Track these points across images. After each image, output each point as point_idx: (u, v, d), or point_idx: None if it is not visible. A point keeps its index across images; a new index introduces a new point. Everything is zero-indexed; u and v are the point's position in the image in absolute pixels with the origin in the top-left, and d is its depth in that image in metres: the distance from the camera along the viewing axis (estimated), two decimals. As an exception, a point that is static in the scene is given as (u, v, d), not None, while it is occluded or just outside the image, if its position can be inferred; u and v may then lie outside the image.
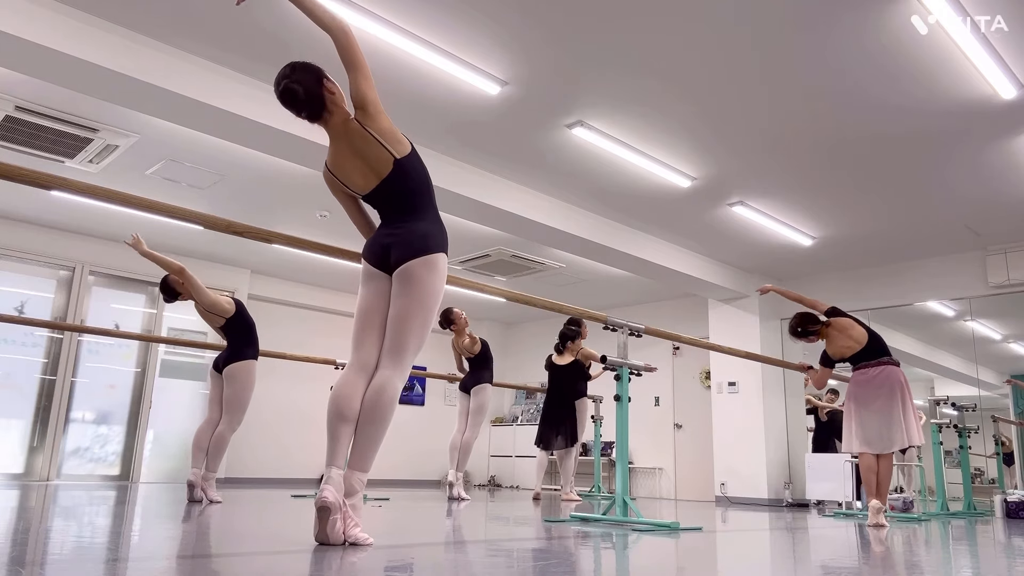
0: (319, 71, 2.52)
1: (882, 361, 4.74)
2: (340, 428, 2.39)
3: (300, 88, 2.47)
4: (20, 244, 7.41)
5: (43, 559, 1.98)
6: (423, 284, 2.48)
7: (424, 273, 2.48)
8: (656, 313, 9.71)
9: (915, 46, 4.00)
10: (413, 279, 2.48)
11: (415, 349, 2.51)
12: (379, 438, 2.41)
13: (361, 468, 2.39)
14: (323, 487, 2.29)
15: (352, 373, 2.48)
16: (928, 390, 8.30)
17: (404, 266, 2.49)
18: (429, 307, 2.50)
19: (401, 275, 2.50)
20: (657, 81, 4.50)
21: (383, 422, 2.41)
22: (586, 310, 4.28)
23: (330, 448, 2.38)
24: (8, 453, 7.20)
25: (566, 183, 6.12)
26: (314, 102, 2.50)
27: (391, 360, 2.47)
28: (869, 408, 4.69)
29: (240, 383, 4.79)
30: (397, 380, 2.46)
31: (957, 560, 2.90)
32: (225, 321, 4.84)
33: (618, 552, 2.72)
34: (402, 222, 2.55)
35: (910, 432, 4.58)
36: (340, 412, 2.40)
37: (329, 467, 2.34)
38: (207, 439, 4.74)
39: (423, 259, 2.48)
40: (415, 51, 4.16)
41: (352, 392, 2.43)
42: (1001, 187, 5.83)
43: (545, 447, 6.88)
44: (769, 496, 7.83)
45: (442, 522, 3.86)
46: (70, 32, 3.90)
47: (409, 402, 10.80)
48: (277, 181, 6.18)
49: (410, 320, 2.48)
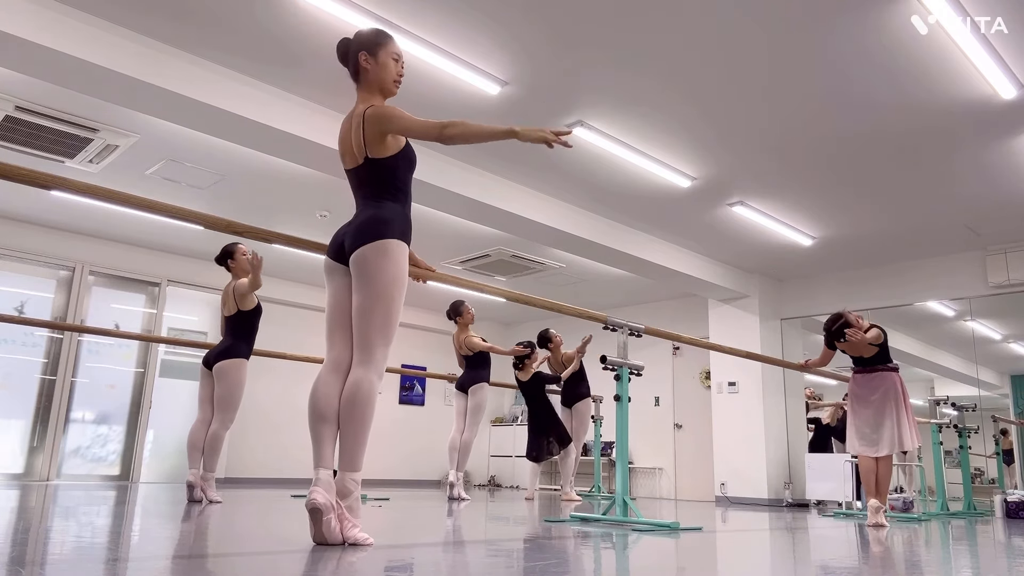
0: (364, 44, 2.65)
1: (878, 368, 4.77)
2: (320, 429, 2.39)
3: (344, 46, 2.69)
4: (20, 244, 7.40)
5: (43, 559, 1.98)
6: (376, 271, 2.43)
7: (375, 259, 2.43)
8: (656, 313, 9.71)
9: (915, 46, 4.00)
10: (365, 266, 2.44)
11: (383, 341, 2.45)
12: (363, 436, 2.38)
13: (351, 468, 2.37)
14: (311, 489, 2.28)
15: (327, 372, 2.47)
16: (928, 390, 8.31)
17: (355, 253, 2.46)
18: (388, 296, 2.44)
19: (354, 264, 2.47)
20: (657, 81, 4.50)
21: (363, 420, 2.38)
22: (586, 310, 4.28)
23: (315, 449, 2.38)
24: (8, 453, 7.20)
25: (566, 183, 6.12)
26: (347, 61, 2.69)
27: (361, 356, 2.44)
28: (865, 409, 4.74)
29: (231, 380, 4.77)
30: (372, 375, 2.42)
31: (957, 560, 2.90)
32: (239, 312, 4.85)
33: (618, 552, 2.72)
34: (361, 211, 2.57)
35: (902, 437, 4.59)
36: (318, 412, 2.40)
37: (316, 468, 2.34)
38: (201, 439, 4.72)
39: (372, 245, 2.44)
40: (415, 51, 4.16)
41: (328, 391, 2.42)
42: (1001, 187, 5.83)
43: (536, 459, 6.77)
44: (769, 496, 7.83)
45: (442, 522, 3.86)
46: (70, 32, 3.89)
47: (409, 402, 10.80)
48: (277, 181, 6.18)
49: (371, 312, 2.43)
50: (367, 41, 2.65)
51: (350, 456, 2.37)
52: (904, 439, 4.59)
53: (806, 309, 8.48)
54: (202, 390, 4.90)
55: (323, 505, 2.27)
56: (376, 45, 2.64)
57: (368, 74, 2.63)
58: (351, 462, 2.37)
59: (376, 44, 2.64)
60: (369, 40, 2.65)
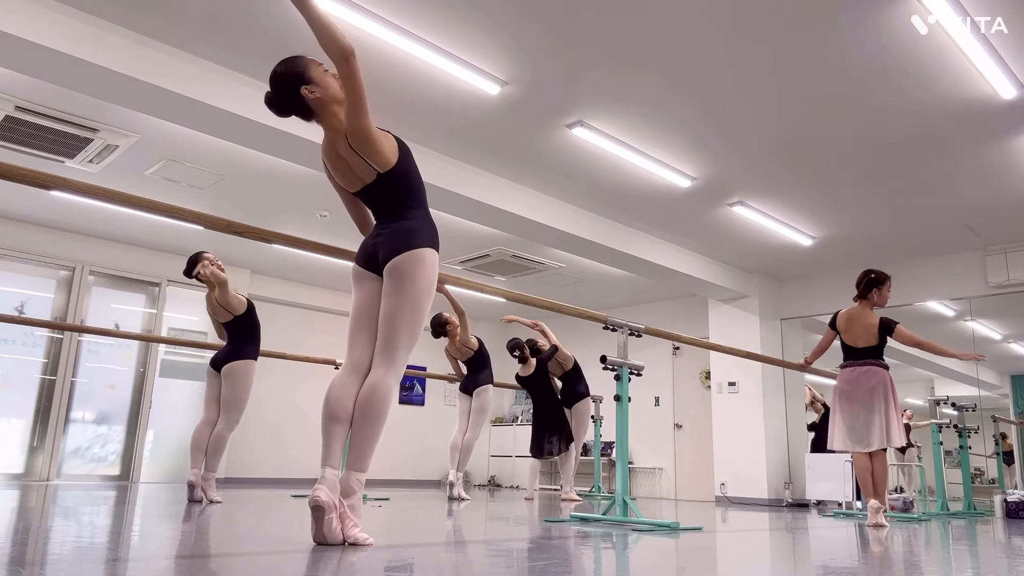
0: (298, 77, 2.46)
1: (868, 362, 4.76)
2: (333, 428, 2.40)
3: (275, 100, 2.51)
4: (20, 244, 7.40)
5: (43, 559, 1.98)
6: (410, 279, 2.48)
7: (410, 268, 2.48)
8: (656, 313, 9.71)
9: (915, 46, 4.00)
10: (400, 274, 2.48)
11: (407, 347, 2.49)
12: (374, 437, 2.40)
13: (358, 468, 2.39)
14: (316, 487, 2.29)
15: (345, 374, 2.49)
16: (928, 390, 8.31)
17: (391, 262, 2.50)
18: (418, 303, 2.49)
19: (389, 272, 2.51)
20: (657, 81, 4.50)
21: (378, 421, 2.40)
22: (586, 310, 4.28)
23: (324, 448, 2.39)
24: (8, 453, 7.20)
25: (566, 183, 6.11)
26: (295, 110, 2.53)
27: (383, 359, 2.47)
28: (853, 405, 4.72)
29: (239, 382, 4.78)
30: (391, 379, 2.45)
31: (957, 560, 2.90)
32: (233, 318, 4.84)
33: (618, 552, 2.72)
34: (389, 222, 2.58)
35: (891, 434, 4.59)
36: (333, 412, 2.41)
37: (323, 467, 2.35)
38: (205, 439, 4.73)
39: (408, 254, 2.49)
40: (415, 51, 4.16)
41: (344, 393, 2.44)
42: (1001, 187, 5.83)
43: (537, 455, 6.80)
44: (769, 496, 7.83)
45: (442, 522, 3.86)
46: (70, 32, 3.89)
47: (409, 402, 10.81)
48: (277, 181, 6.18)
49: (400, 317, 2.47)
50: (298, 74, 2.46)
51: (359, 456, 2.39)
52: (893, 435, 4.58)
53: (806, 309, 8.47)
54: (209, 391, 4.89)
55: (326, 503, 2.27)
56: (307, 71, 2.48)
57: (320, 100, 2.47)
58: (359, 462, 2.39)
59: (306, 70, 2.48)
60: (298, 72, 2.47)
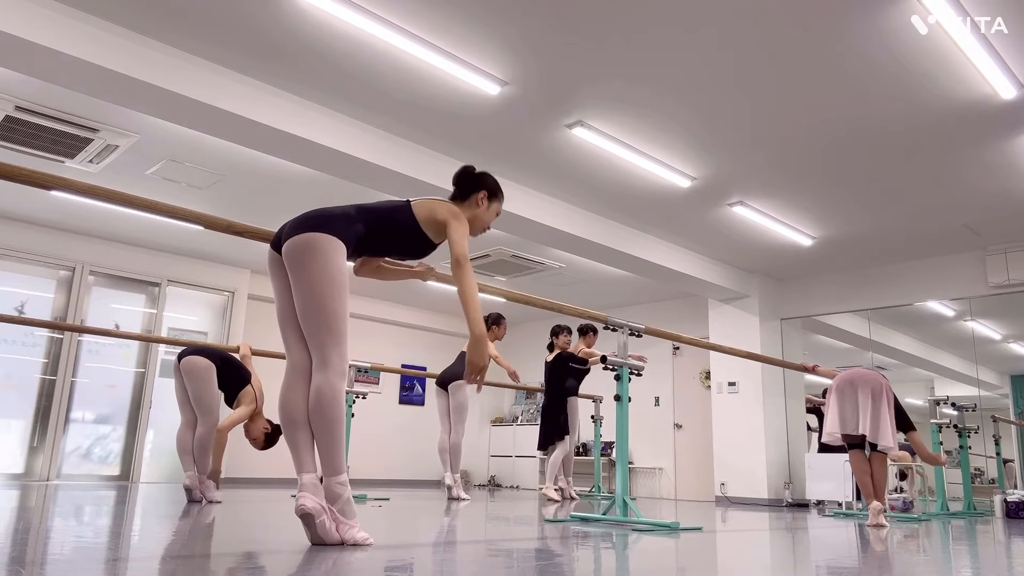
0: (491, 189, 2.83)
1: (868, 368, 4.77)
2: (294, 435, 2.38)
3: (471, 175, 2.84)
4: (20, 244, 7.40)
5: (43, 559, 1.98)
6: (305, 266, 2.35)
7: (302, 252, 2.36)
8: (656, 313, 9.70)
9: (915, 46, 4.00)
10: (294, 260, 2.37)
11: (334, 342, 2.35)
12: (337, 440, 2.33)
13: (334, 473, 2.34)
14: (299, 495, 2.28)
15: (289, 377, 2.43)
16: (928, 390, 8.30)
17: (285, 245, 2.41)
18: (323, 293, 2.34)
19: (285, 258, 2.41)
20: (657, 81, 4.49)
21: (332, 426, 2.32)
22: (586, 310, 4.28)
23: (293, 456, 2.37)
24: (8, 453, 7.20)
25: (566, 183, 6.11)
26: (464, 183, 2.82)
27: (316, 359, 2.37)
28: (847, 399, 4.71)
29: (199, 380, 4.67)
30: (332, 378, 2.34)
31: (957, 560, 2.90)
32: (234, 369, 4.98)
33: (618, 552, 2.72)
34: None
35: (880, 430, 4.57)
36: (289, 419, 2.38)
37: (299, 474, 2.33)
38: (189, 442, 4.64)
39: (301, 236, 2.37)
40: (415, 51, 4.16)
41: (293, 397, 2.39)
42: (1001, 187, 5.83)
43: (542, 447, 6.83)
44: (769, 496, 7.83)
45: (442, 522, 3.86)
46: (70, 32, 3.89)
47: (409, 402, 10.80)
48: (277, 181, 6.18)
49: (311, 312, 2.35)
50: (493, 187, 2.82)
51: (330, 461, 2.34)
52: (883, 433, 4.55)
53: (806, 309, 8.48)
54: (178, 393, 4.76)
55: (313, 509, 2.27)
56: (495, 196, 2.83)
57: (475, 208, 2.76)
58: (333, 467, 2.34)
59: (495, 195, 2.83)
60: (495, 188, 2.83)
